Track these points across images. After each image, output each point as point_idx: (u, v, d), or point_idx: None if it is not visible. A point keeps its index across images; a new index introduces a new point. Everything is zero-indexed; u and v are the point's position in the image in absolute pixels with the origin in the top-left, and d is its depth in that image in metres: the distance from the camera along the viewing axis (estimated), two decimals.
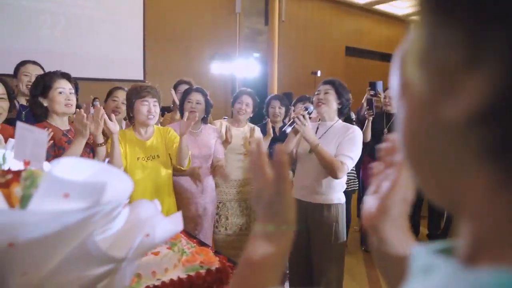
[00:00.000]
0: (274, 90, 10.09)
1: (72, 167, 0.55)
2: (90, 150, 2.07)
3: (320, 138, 2.25)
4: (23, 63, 2.60)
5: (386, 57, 15.10)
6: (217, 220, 2.78)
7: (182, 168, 2.30)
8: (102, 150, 2.04)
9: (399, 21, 15.03)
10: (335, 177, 2.14)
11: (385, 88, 4.09)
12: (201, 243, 1.68)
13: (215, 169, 2.60)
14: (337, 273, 2.24)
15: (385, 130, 3.72)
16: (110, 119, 1.99)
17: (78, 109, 1.85)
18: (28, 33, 7.83)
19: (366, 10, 13.92)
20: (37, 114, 1.92)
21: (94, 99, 6.83)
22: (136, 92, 2.19)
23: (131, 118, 2.30)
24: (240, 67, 10.42)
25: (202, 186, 2.57)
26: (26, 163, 0.78)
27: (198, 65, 10.11)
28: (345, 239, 2.29)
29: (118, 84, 3.02)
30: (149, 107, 2.18)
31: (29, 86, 2.14)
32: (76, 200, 0.51)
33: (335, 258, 2.23)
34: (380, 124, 3.71)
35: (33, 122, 1.97)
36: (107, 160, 0.91)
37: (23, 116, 2.19)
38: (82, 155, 1.87)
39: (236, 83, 10.63)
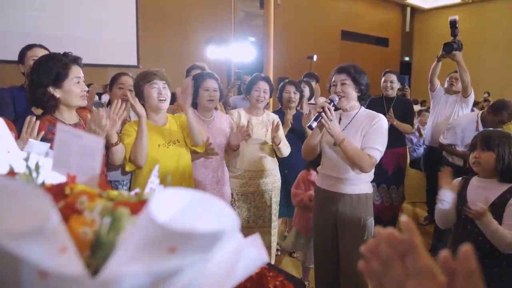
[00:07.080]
0: (270, 75, 9.85)
1: (167, 201, 0.40)
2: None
3: (344, 129, 2.13)
4: (29, 47, 2.34)
5: (381, 41, 14.93)
6: None
7: (197, 149, 2.20)
8: (118, 149, 1.88)
9: (394, 4, 14.83)
10: (363, 171, 2.07)
11: (384, 72, 3.95)
12: None
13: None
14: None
15: (388, 114, 3.58)
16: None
17: (95, 108, 1.64)
18: (13, 15, 7.42)
19: None
20: (47, 107, 1.65)
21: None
22: (143, 76, 2.09)
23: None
24: (235, 52, 10.14)
25: (217, 177, 2.42)
26: (71, 178, 0.62)
27: (193, 50, 9.79)
28: (372, 231, 2.19)
29: (111, 69, 2.82)
30: (159, 90, 2.08)
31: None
32: (184, 255, 0.36)
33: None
34: (381, 109, 3.56)
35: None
36: (156, 167, 0.75)
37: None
38: None
39: (232, 67, 10.37)
